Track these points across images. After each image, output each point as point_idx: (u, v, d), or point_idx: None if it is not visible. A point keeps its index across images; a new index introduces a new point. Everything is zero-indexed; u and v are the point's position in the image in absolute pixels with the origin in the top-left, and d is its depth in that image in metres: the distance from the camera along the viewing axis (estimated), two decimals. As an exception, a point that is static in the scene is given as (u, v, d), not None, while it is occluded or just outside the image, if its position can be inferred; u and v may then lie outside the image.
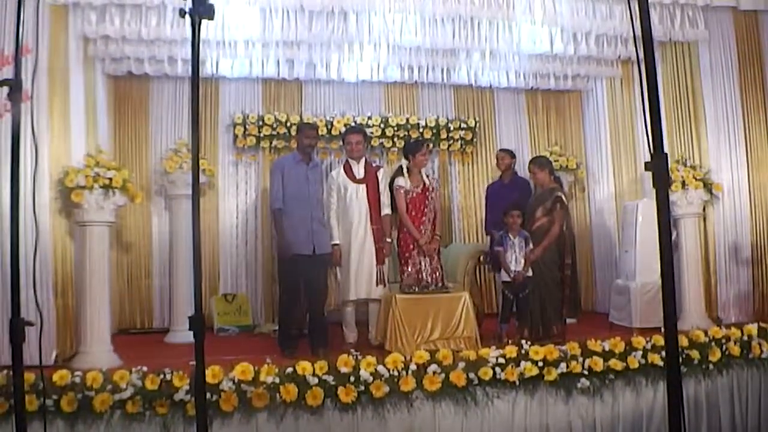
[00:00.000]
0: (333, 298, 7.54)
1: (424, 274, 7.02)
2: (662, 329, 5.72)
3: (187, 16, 2.60)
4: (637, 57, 2.38)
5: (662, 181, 2.31)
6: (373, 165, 7.52)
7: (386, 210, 7.24)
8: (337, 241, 7.09)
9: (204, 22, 2.63)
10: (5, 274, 5.60)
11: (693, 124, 7.99)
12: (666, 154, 2.34)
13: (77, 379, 4.74)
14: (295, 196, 6.87)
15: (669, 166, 2.36)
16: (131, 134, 9.06)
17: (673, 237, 7.42)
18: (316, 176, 7.12)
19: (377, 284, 7.09)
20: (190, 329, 2.61)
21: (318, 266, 6.92)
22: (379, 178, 7.28)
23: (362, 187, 7.16)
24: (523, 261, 6.99)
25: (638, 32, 2.40)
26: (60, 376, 4.72)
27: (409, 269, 7.07)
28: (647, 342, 5.72)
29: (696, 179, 7.57)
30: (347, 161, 7.30)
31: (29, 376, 4.37)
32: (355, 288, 7.04)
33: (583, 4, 7.46)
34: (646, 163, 2.34)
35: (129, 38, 7.33)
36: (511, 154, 8.50)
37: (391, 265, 7.44)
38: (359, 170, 7.21)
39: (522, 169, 8.61)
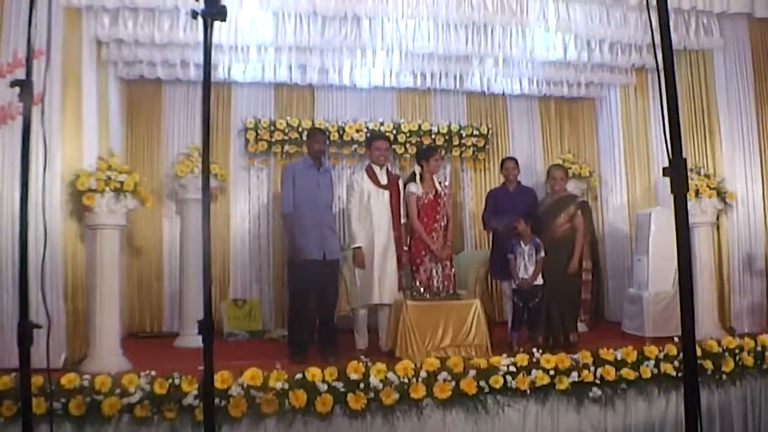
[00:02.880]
0: (343, 304, 7.51)
1: (435, 280, 6.98)
2: (675, 339, 5.73)
3: (199, 18, 2.58)
4: (656, 62, 2.35)
5: (681, 187, 2.29)
6: (393, 173, 7.53)
7: (403, 218, 7.23)
8: (360, 244, 7.06)
9: (216, 24, 2.62)
10: (14, 276, 5.61)
11: (707, 133, 7.96)
12: (685, 159, 2.31)
13: (86, 383, 4.73)
14: (305, 202, 6.86)
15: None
16: (143, 138, 9.08)
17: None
18: (326, 182, 7.11)
19: (399, 289, 7.09)
20: (199, 333, 2.59)
21: (328, 272, 6.91)
22: (400, 186, 7.28)
23: (386, 193, 7.14)
24: (532, 268, 6.95)
25: (657, 39, 2.37)
26: (68, 380, 4.71)
27: (421, 276, 7.03)
28: (660, 351, 5.68)
29: (710, 188, 7.53)
30: (370, 166, 7.28)
31: (38, 379, 4.35)
32: (379, 293, 7.01)
33: (598, 11, 7.43)
34: (664, 169, 2.31)
35: (142, 42, 7.36)
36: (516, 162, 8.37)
37: (403, 272, 7.41)
38: (383, 176, 7.20)
39: (531, 176, 8.56)
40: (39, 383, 4.40)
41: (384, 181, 7.19)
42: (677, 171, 2.31)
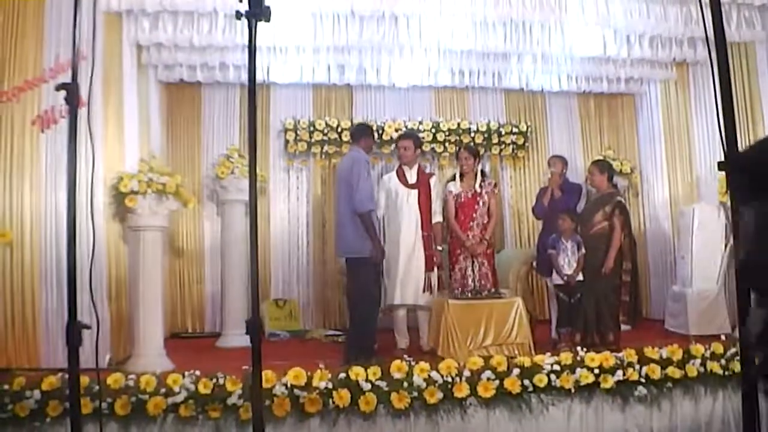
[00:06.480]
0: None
1: (469, 279, 6.93)
2: (722, 336, 5.63)
3: (243, 18, 2.59)
4: (710, 55, 2.32)
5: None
6: (426, 172, 7.47)
7: (437, 218, 7.19)
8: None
9: (259, 25, 2.62)
10: (59, 278, 5.69)
11: (750, 127, 7.82)
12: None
13: (131, 383, 4.77)
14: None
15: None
16: (183, 140, 9.18)
17: (730, 243, 7.24)
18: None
19: (424, 291, 7.01)
20: (246, 333, 2.60)
21: (375, 269, 6.76)
22: (432, 184, 7.22)
23: (414, 192, 7.10)
24: (575, 265, 6.90)
25: (710, 33, 2.34)
26: (114, 380, 4.75)
27: (456, 274, 7.00)
28: (706, 350, 5.59)
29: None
30: (401, 166, 7.27)
31: (84, 379, 4.40)
32: (401, 293, 6.98)
33: (637, 6, 7.33)
34: (719, 163, 2.28)
35: (181, 45, 7.43)
36: (564, 160, 8.26)
37: (443, 271, 7.36)
38: (412, 176, 7.16)
39: (572, 174, 8.47)
40: (85, 383, 4.45)
41: (412, 180, 7.14)
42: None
